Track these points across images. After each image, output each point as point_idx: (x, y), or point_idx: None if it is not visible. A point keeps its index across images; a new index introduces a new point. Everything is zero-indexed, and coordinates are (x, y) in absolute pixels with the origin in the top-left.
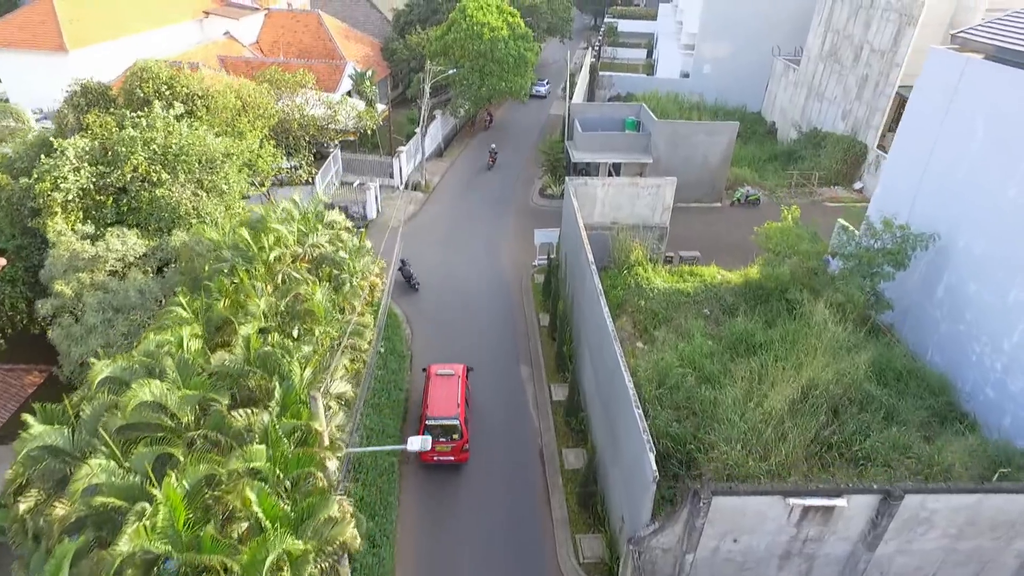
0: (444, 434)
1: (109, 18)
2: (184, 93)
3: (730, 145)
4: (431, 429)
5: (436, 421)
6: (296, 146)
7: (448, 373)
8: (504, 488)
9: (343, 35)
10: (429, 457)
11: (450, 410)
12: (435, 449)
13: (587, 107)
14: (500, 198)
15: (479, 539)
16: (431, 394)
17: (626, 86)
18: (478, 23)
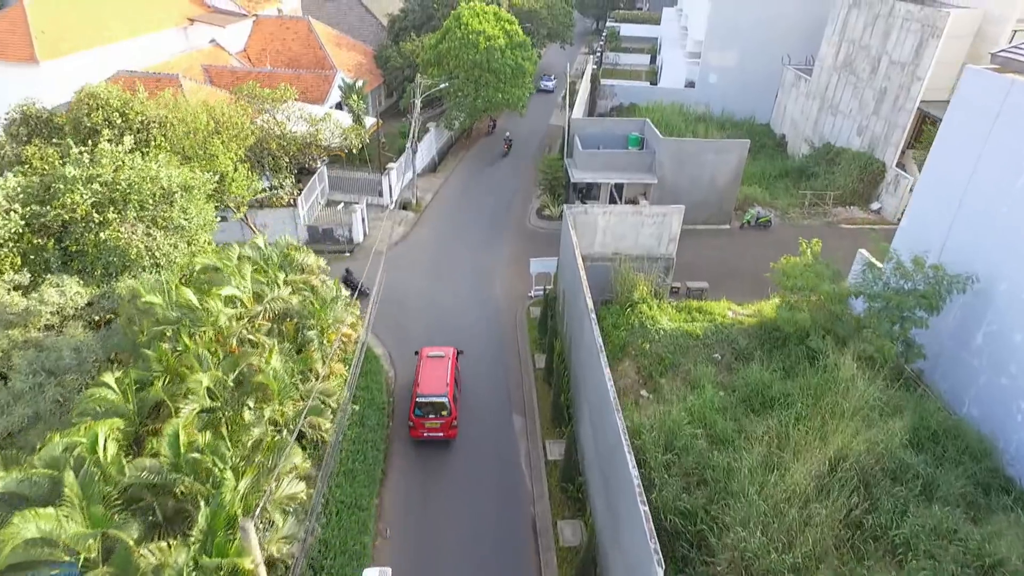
0: (433, 411)
1: (86, 26)
2: (139, 121)
3: (740, 164)
4: (421, 406)
5: (426, 398)
6: (276, 165)
7: (439, 355)
8: (491, 566)
9: (334, 42)
10: (419, 434)
11: (439, 388)
12: (425, 425)
13: (588, 122)
14: (495, 218)
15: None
16: (422, 374)
17: (628, 96)
18: (473, 32)
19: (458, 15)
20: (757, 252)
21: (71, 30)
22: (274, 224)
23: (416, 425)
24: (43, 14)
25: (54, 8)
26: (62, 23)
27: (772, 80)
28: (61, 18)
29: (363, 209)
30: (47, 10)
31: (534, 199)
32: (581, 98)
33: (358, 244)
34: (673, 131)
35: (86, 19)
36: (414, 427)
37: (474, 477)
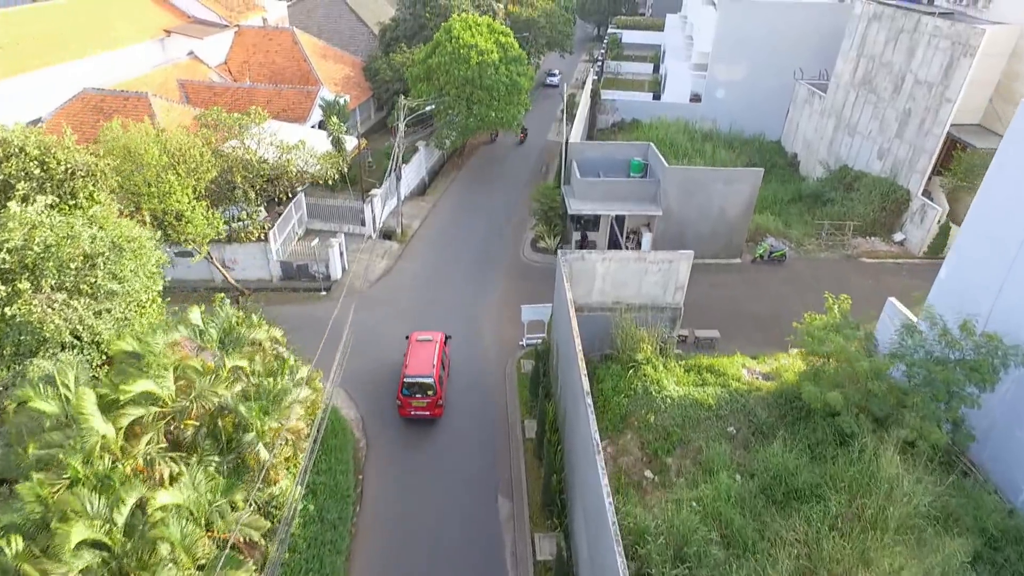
0: (420, 391)
1: (51, 41)
2: (63, 170)
3: (753, 194)
4: (409, 386)
5: (413, 379)
6: (244, 198)
7: (427, 339)
8: None
9: (320, 54)
10: (407, 412)
11: (426, 369)
12: (412, 404)
13: (587, 146)
14: (486, 249)
15: None
16: (410, 356)
17: (631, 111)
18: (465, 46)
19: (449, 28)
20: (772, 290)
21: (32, 45)
22: (244, 260)
23: (403, 404)
24: (2, 27)
25: (12, 20)
26: (20, 37)
27: (783, 95)
28: (20, 32)
29: (341, 243)
30: (7, 22)
31: (528, 228)
32: (581, 114)
33: (335, 281)
34: (678, 151)
35: (50, 33)
36: (402, 406)
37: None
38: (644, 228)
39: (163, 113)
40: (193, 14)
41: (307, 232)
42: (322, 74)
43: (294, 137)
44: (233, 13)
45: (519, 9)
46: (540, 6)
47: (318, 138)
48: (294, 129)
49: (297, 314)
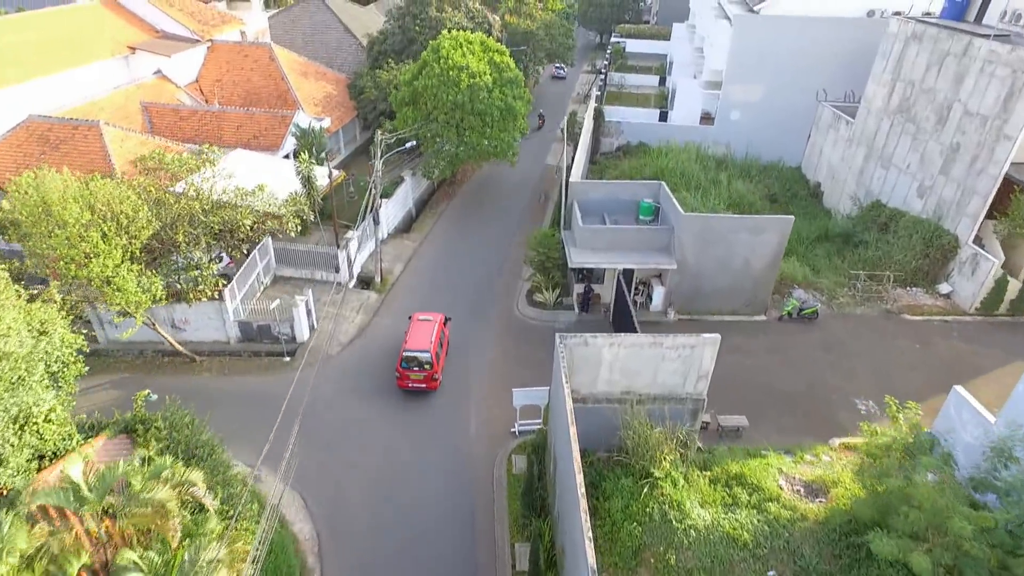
0: (418, 364)
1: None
2: None
3: (781, 245)
4: (407, 360)
5: (411, 353)
6: (191, 253)
7: (428, 319)
8: None
9: (299, 72)
10: (405, 384)
11: (424, 345)
12: (410, 377)
13: (590, 187)
14: (475, 301)
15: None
16: (410, 333)
17: (637, 133)
18: (454, 67)
19: (437, 46)
20: (803, 357)
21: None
22: (197, 321)
23: (402, 376)
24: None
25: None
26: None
27: (804, 118)
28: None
29: (309, 300)
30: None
31: (523, 276)
32: (583, 141)
33: (301, 344)
34: (690, 181)
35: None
36: (400, 378)
37: None
38: (655, 279)
39: (116, 144)
40: (163, 28)
41: (276, 279)
42: (302, 94)
43: (263, 169)
44: (207, 27)
45: (517, 20)
46: (540, 17)
47: (290, 171)
48: (264, 160)
49: (253, 389)
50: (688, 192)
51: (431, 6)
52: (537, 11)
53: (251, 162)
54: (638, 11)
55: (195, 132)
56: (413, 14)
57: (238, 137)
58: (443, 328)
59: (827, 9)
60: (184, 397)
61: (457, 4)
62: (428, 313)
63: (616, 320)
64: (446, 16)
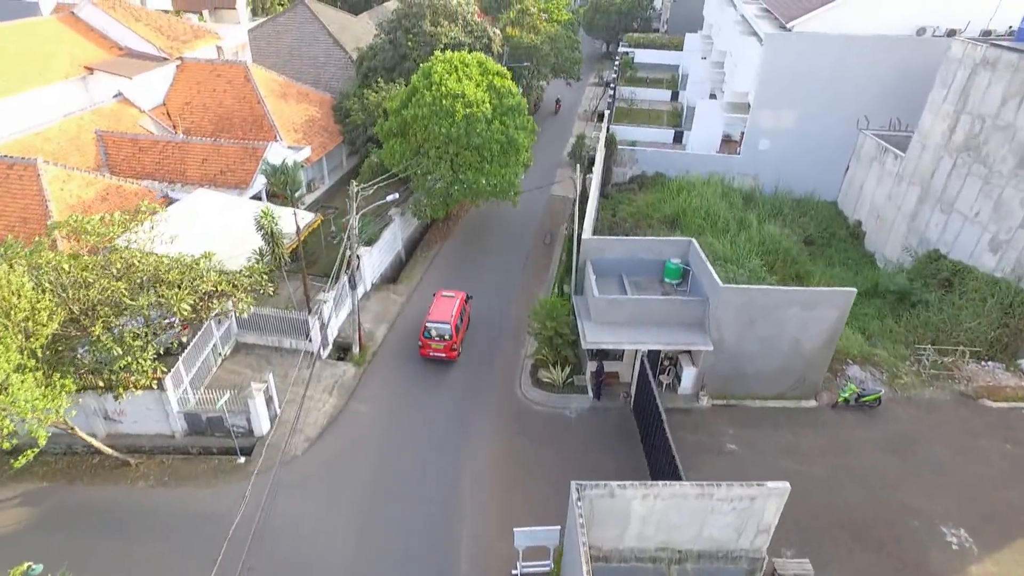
0: (439, 335)
1: None
2: None
3: (840, 321)
4: (429, 330)
5: (433, 324)
6: (118, 342)
7: (450, 295)
8: None
9: (278, 93)
10: (426, 352)
11: (445, 317)
12: (431, 346)
13: (605, 244)
14: (471, 379)
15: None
16: (433, 306)
17: (653, 162)
18: (448, 95)
19: (428, 71)
20: (870, 463)
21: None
22: (135, 413)
23: (424, 345)
24: None
25: None
26: None
27: (842, 147)
28: None
29: (270, 385)
30: None
31: (527, 352)
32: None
33: (260, 438)
34: (715, 221)
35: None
36: (423, 347)
37: None
38: (685, 357)
39: (56, 186)
40: (128, 45)
41: (237, 347)
42: (280, 118)
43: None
44: (176, 43)
45: (519, 34)
46: (544, 30)
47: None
48: (229, 203)
49: (197, 504)
50: (714, 236)
51: (425, 19)
52: (541, 23)
53: (214, 205)
54: (647, 19)
55: (155, 166)
56: (405, 28)
57: (203, 172)
58: (464, 304)
59: (870, 26)
60: (110, 521)
61: (454, 17)
62: (451, 291)
63: (638, 407)
64: (442, 31)
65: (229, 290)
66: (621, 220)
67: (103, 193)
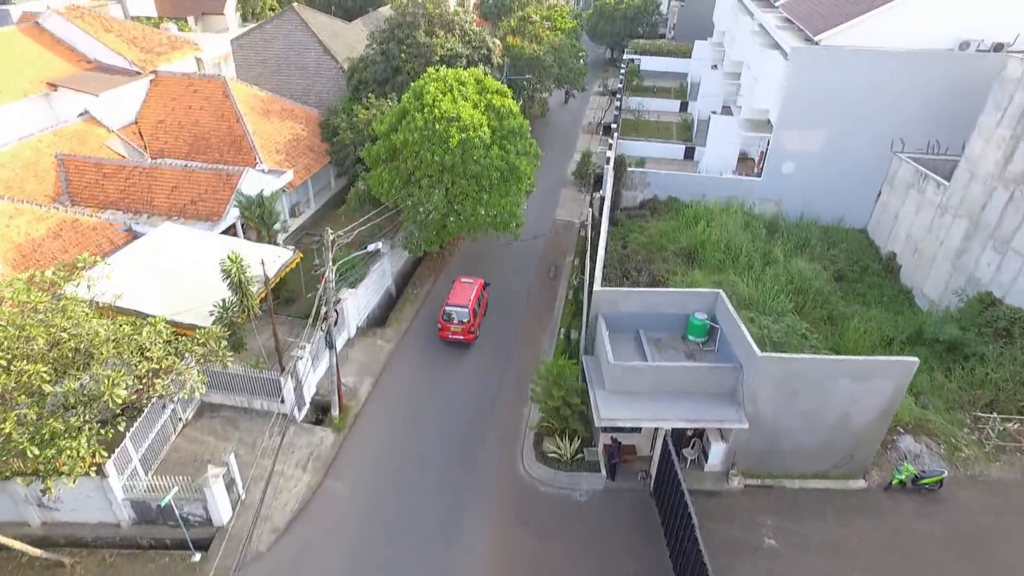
0: (457, 317)
1: None
2: None
3: (898, 395)
4: (448, 314)
5: (452, 308)
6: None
7: (469, 281)
8: None
9: (260, 110)
10: (445, 335)
11: (463, 301)
12: (450, 329)
13: (619, 297)
14: (466, 447)
15: None
16: (452, 291)
17: (665, 186)
18: (442, 118)
19: (420, 90)
20: (933, 565)
21: None
22: (73, 500)
23: (443, 327)
24: None
25: None
26: None
27: (873, 170)
28: None
29: (232, 467)
30: None
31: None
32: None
33: (220, 529)
34: (737, 255)
35: None
36: (441, 329)
37: None
38: (713, 430)
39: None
40: (97, 58)
41: (201, 408)
42: (261, 138)
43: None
44: (150, 56)
45: (520, 43)
46: (547, 39)
47: (233, 254)
48: (197, 240)
49: None
50: (737, 274)
51: (419, 29)
52: (543, 31)
53: (181, 242)
54: (653, 24)
55: (120, 194)
56: (399, 39)
57: (172, 202)
58: (482, 291)
59: (906, 40)
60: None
61: (451, 26)
62: (470, 278)
63: (659, 490)
64: (437, 42)
65: (177, 365)
66: (632, 252)
67: (56, 229)
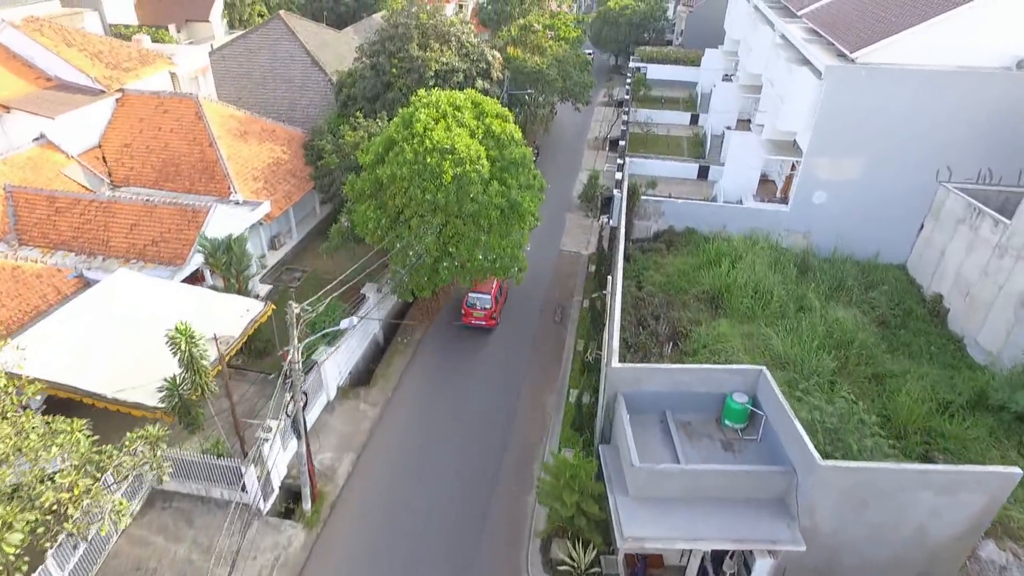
0: (480, 304)
1: None
2: None
3: (991, 510)
4: (471, 301)
5: (475, 296)
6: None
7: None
8: None
9: (237, 131)
10: (468, 320)
11: (486, 289)
12: (472, 315)
13: (643, 373)
14: (459, 548)
15: None
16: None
17: (681, 216)
18: (434, 149)
19: (409, 118)
20: None
21: None
22: None
23: (467, 313)
24: None
25: None
26: None
27: (914, 200)
28: None
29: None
30: None
31: (533, 510)
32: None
33: None
34: (768, 300)
35: None
36: (465, 315)
37: None
38: (764, 554)
39: None
40: (58, 75)
41: (152, 496)
42: (237, 164)
43: (149, 306)
44: (117, 72)
45: (522, 55)
46: (551, 50)
47: (195, 310)
48: (154, 289)
49: None
50: (768, 323)
51: (412, 42)
52: (546, 41)
53: (136, 292)
54: (660, 30)
55: (74, 233)
56: (390, 52)
57: (131, 242)
58: (500, 285)
59: (955, 57)
60: None
61: (446, 38)
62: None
63: None
64: (432, 56)
65: (96, 491)
66: (648, 295)
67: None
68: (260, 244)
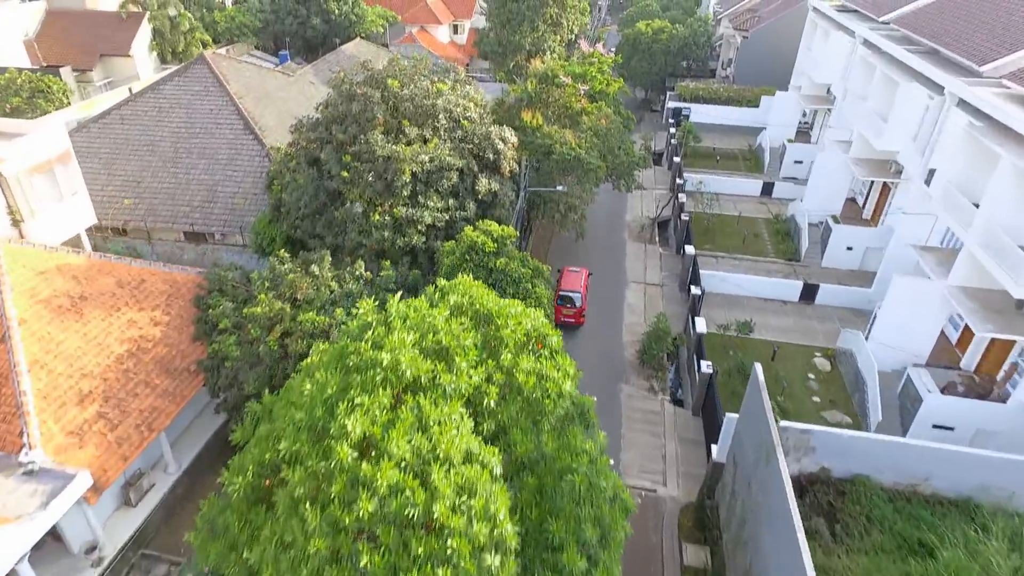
0: (570, 302)
1: None
2: None
3: None
4: (562, 298)
5: (566, 293)
6: None
7: (576, 270)
8: None
9: (64, 301)
10: (559, 318)
11: (576, 287)
12: (563, 312)
13: None
14: None
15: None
16: (563, 279)
17: (840, 452)
18: (380, 517)
19: (318, 422)
20: None
21: None
22: None
23: (557, 311)
24: None
25: None
26: None
27: None
28: None
29: None
30: None
31: None
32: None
33: None
34: None
35: None
36: (555, 313)
37: None
38: None
39: None
40: None
41: None
42: (49, 377)
43: None
44: None
45: (542, 123)
46: (587, 118)
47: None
48: None
49: None
50: None
51: (376, 126)
52: (577, 100)
53: None
54: (702, 59)
55: None
56: (339, 142)
57: None
58: (586, 277)
59: None
60: None
61: (431, 115)
62: (576, 267)
63: None
64: (406, 152)
65: None
66: None
67: None
68: (90, 522)
